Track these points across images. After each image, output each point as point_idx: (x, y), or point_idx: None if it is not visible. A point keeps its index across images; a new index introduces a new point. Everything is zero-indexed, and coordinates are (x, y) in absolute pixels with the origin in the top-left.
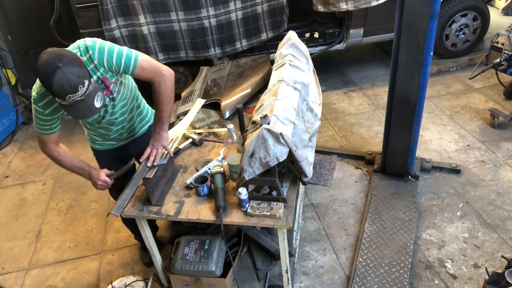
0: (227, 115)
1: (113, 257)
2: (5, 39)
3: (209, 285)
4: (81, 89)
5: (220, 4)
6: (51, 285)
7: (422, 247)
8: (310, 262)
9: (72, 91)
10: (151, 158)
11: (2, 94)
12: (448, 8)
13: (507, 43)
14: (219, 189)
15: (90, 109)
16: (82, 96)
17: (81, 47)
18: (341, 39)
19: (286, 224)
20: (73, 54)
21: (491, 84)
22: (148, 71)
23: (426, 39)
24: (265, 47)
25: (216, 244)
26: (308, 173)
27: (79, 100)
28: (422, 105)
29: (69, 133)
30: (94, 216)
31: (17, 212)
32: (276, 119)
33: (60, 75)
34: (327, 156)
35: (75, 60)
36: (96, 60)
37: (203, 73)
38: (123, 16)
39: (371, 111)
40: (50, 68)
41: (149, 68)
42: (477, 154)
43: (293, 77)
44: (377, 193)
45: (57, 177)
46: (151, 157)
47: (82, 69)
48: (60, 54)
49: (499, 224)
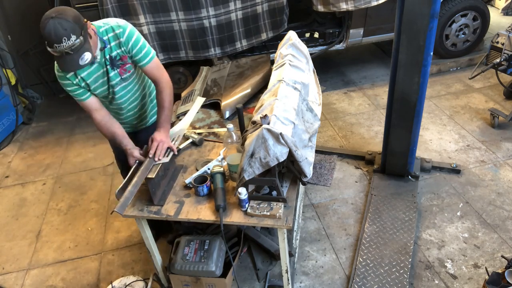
0: (227, 115)
1: (113, 257)
2: (5, 39)
3: (209, 285)
4: (65, 41)
5: (220, 4)
6: (51, 285)
7: (422, 247)
8: (310, 262)
9: (56, 40)
10: (157, 152)
11: (2, 94)
12: (448, 8)
13: (507, 43)
14: (218, 189)
15: (73, 64)
16: (67, 49)
17: (112, 23)
18: (341, 39)
19: (286, 224)
20: (73, 13)
21: (491, 84)
22: (156, 71)
23: (426, 39)
24: (265, 47)
25: (216, 244)
26: (308, 173)
27: (65, 53)
28: (422, 105)
29: (69, 133)
30: (94, 216)
31: (17, 212)
32: (276, 119)
33: (50, 24)
34: (327, 156)
35: (70, 16)
36: (123, 39)
37: (203, 73)
38: (123, 16)
39: (371, 111)
40: (46, 17)
41: (159, 69)
42: (477, 154)
43: (293, 77)
44: (377, 193)
45: (57, 177)
46: (158, 151)
47: (73, 25)
48: (60, 9)
49: (499, 224)
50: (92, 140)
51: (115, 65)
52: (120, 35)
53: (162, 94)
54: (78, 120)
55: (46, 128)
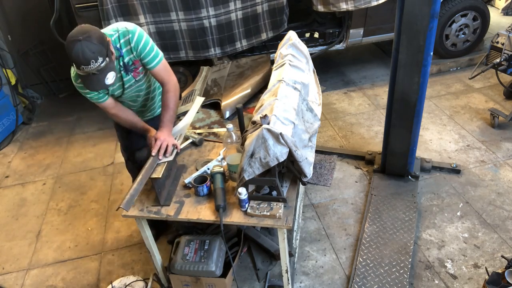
0: (227, 115)
1: (113, 257)
2: (5, 39)
3: (209, 285)
4: (93, 64)
5: (220, 4)
6: (51, 285)
7: (422, 247)
8: (310, 262)
9: (85, 63)
10: (161, 150)
11: (2, 94)
12: (448, 8)
13: (507, 43)
14: (218, 189)
15: (99, 84)
16: (94, 71)
17: (121, 30)
18: (341, 39)
19: (286, 224)
20: (98, 33)
21: (491, 84)
22: (164, 73)
23: (426, 39)
24: (265, 47)
25: (216, 244)
26: (308, 173)
27: (91, 73)
28: (422, 105)
29: (69, 133)
30: (94, 216)
31: (17, 212)
32: (276, 119)
33: (78, 47)
34: (327, 156)
35: (96, 38)
36: (133, 44)
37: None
38: (123, 16)
39: (371, 111)
40: (73, 39)
41: (166, 71)
42: (477, 154)
43: (293, 77)
44: (377, 193)
45: (57, 177)
46: (162, 149)
47: (100, 47)
48: (86, 30)
49: (499, 224)
50: (92, 140)
51: (129, 70)
52: (130, 40)
53: (168, 94)
54: (78, 120)
55: (46, 128)
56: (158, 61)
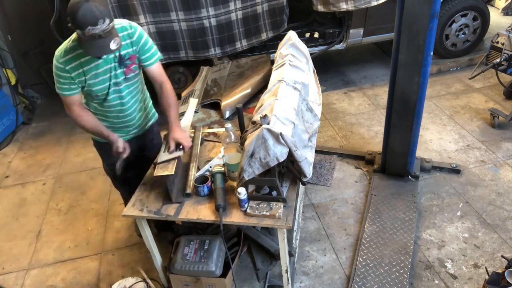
0: (227, 115)
1: (113, 257)
2: (5, 39)
3: (209, 285)
4: (101, 24)
5: (220, 4)
6: (51, 285)
7: (422, 247)
8: (310, 262)
9: (92, 22)
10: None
11: (2, 94)
12: (448, 8)
13: (507, 43)
14: (219, 189)
15: (105, 48)
16: (100, 32)
17: (124, 24)
18: (341, 39)
19: (286, 224)
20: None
21: (491, 84)
22: (158, 73)
23: (426, 39)
24: (265, 47)
25: (216, 244)
26: (307, 173)
27: (97, 36)
28: (422, 105)
29: (69, 133)
30: (94, 216)
31: (17, 212)
32: (276, 119)
33: (85, 6)
34: (327, 156)
35: (101, 1)
36: (134, 38)
37: (203, 73)
38: (123, 16)
39: (371, 111)
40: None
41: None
42: (477, 154)
43: (293, 77)
44: (377, 193)
45: (57, 177)
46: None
47: (106, 9)
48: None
49: (499, 224)
50: None
51: (123, 64)
52: (132, 34)
53: (168, 93)
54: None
55: (46, 128)
56: (156, 59)
